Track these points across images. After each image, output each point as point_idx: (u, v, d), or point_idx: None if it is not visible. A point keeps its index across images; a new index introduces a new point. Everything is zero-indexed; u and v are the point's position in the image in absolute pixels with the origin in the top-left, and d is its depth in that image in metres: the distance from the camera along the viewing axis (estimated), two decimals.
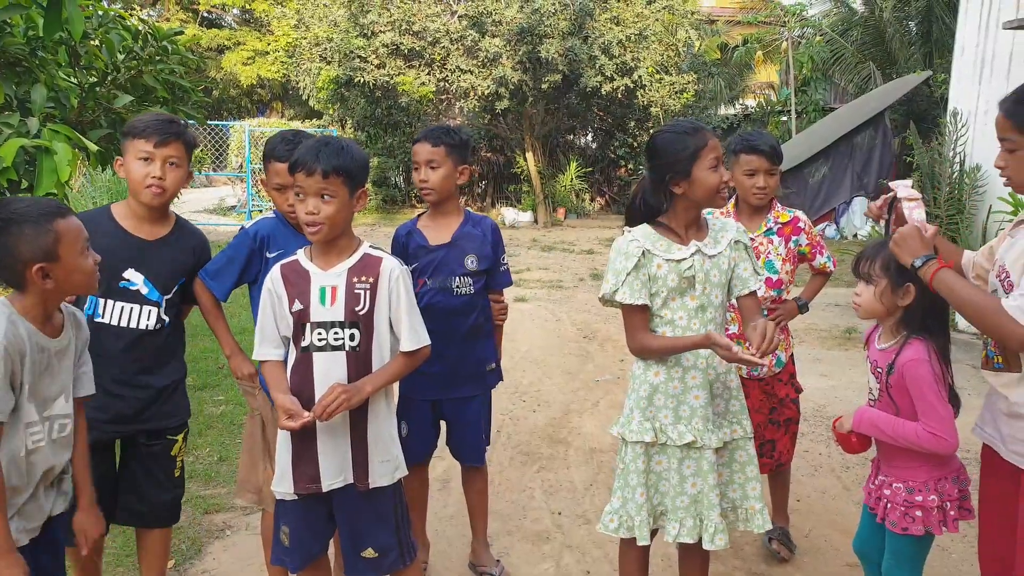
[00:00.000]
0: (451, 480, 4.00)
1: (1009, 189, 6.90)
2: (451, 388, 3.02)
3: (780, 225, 3.17)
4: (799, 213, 3.24)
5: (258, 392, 2.77)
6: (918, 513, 2.29)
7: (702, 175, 2.34)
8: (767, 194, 3.11)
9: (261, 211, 15.93)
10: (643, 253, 2.37)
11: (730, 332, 2.99)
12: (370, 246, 2.36)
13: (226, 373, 5.73)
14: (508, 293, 3.33)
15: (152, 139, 2.49)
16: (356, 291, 2.27)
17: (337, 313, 2.26)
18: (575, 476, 4.20)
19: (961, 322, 7.39)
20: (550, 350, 6.74)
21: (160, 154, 2.50)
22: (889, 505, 2.35)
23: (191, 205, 16.08)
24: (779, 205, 3.22)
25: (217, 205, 17.61)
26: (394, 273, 2.31)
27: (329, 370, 2.27)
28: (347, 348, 2.27)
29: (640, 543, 2.43)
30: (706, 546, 2.41)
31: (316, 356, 2.27)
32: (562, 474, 4.23)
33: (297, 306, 2.26)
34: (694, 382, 2.40)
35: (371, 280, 2.28)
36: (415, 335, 2.35)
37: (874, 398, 2.40)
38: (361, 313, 2.27)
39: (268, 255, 2.72)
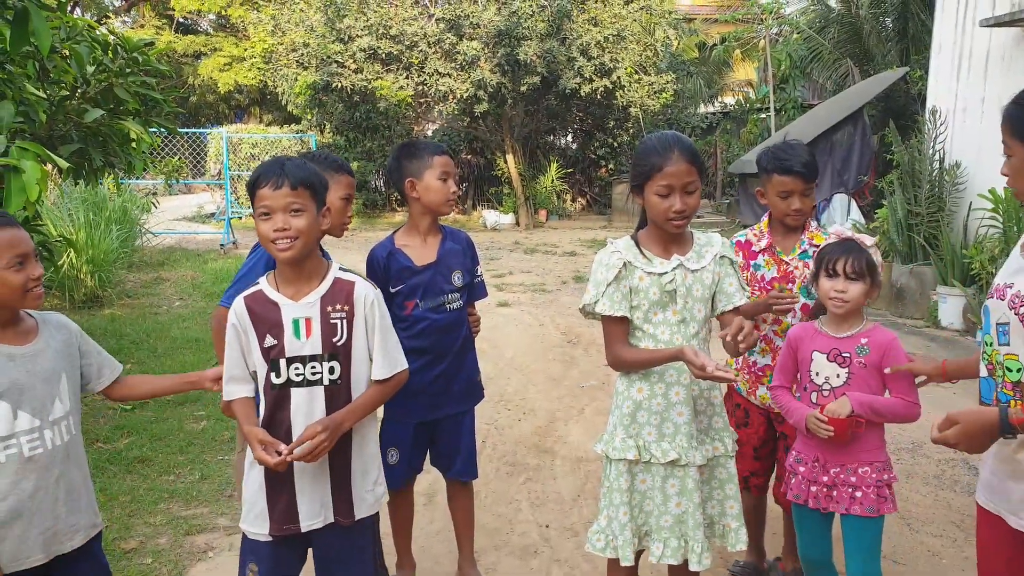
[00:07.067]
0: (436, 495, 3.94)
1: (989, 186, 6.96)
2: (444, 405, 2.96)
3: (815, 248, 2.87)
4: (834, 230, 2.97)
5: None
6: (887, 491, 2.42)
7: (651, 199, 2.32)
8: (803, 216, 2.90)
9: (241, 218, 15.80)
10: (624, 265, 2.35)
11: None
12: (340, 268, 2.25)
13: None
14: (490, 298, 3.30)
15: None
16: (332, 321, 2.15)
17: (314, 346, 2.14)
18: (562, 487, 4.15)
19: (944, 319, 7.42)
20: (534, 356, 6.69)
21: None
22: (860, 492, 2.40)
23: (170, 214, 15.91)
24: (813, 225, 2.99)
25: (196, 213, 17.46)
26: (368, 298, 2.21)
27: (307, 405, 2.15)
28: (326, 382, 2.16)
29: (623, 564, 2.39)
30: (693, 567, 2.37)
31: (293, 392, 2.16)
32: (549, 485, 4.18)
33: (269, 342, 2.13)
34: (677, 398, 2.36)
35: (346, 308, 2.17)
36: (389, 362, 2.25)
37: (832, 386, 2.49)
38: (339, 344, 2.16)
39: None
